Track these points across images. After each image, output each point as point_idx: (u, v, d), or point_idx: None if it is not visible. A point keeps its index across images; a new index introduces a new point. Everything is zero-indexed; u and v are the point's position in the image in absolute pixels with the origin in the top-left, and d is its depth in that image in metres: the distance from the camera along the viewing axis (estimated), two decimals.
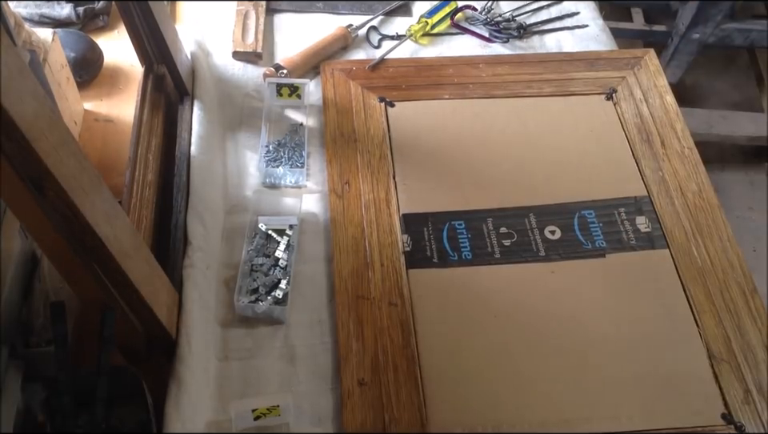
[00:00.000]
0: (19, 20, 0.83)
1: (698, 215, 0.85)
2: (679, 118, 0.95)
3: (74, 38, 0.98)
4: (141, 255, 0.64)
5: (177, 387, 0.66)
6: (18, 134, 0.44)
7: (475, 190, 0.88)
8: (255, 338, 0.77)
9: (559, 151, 0.92)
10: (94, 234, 0.54)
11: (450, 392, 0.72)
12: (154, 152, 0.86)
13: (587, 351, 0.75)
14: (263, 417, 0.69)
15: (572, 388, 0.72)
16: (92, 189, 0.55)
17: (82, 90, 0.97)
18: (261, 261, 0.80)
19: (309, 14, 1.10)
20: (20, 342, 0.64)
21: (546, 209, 0.86)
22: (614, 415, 0.71)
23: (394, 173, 0.88)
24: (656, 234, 0.84)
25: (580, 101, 0.97)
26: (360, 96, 0.96)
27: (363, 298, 0.77)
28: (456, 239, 0.83)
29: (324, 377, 0.74)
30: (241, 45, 1.03)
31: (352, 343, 0.74)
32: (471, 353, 0.74)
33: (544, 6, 1.14)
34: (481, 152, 0.91)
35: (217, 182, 0.87)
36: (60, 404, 0.59)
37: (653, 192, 0.88)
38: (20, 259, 0.65)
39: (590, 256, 0.82)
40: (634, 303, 0.79)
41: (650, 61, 1.02)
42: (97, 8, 1.05)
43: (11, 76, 0.43)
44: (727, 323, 0.77)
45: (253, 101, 0.98)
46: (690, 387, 0.73)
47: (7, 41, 0.43)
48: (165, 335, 0.68)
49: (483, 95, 0.97)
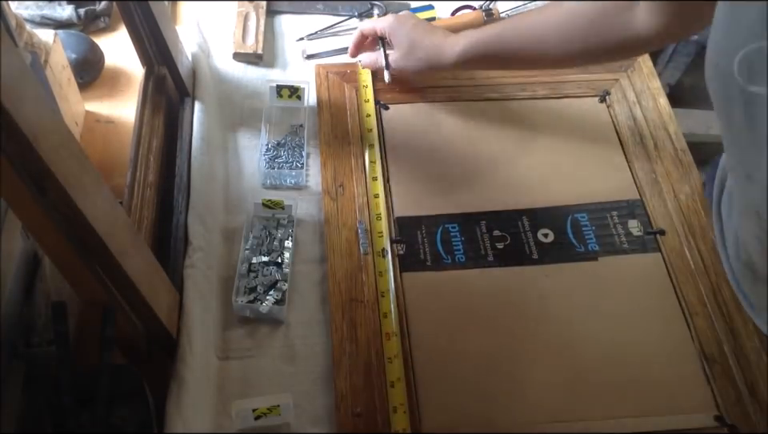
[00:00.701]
0: (20, 21, 0.84)
1: (690, 217, 0.86)
2: (672, 120, 0.95)
3: (75, 39, 0.98)
4: (142, 255, 0.65)
5: (178, 386, 0.67)
6: (20, 134, 0.44)
7: (468, 193, 0.89)
8: (255, 338, 0.77)
9: (552, 154, 0.93)
10: (95, 234, 0.54)
11: (443, 394, 0.72)
12: (155, 153, 0.87)
13: (580, 353, 0.76)
14: (264, 417, 0.69)
15: (565, 391, 0.73)
16: (93, 189, 0.55)
17: (83, 91, 0.98)
18: (258, 260, 0.81)
19: (309, 16, 1.11)
20: (21, 341, 0.64)
21: (539, 212, 0.87)
22: (607, 418, 0.72)
23: (388, 176, 0.89)
24: (648, 237, 0.85)
25: (573, 103, 0.98)
26: (354, 99, 0.97)
27: (357, 301, 0.78)
28: (449, 242, 0.84)
29: (324, 377, 0.75)
30: (241, 46, 1.04)
31: (346, 345, 0.75)
32: (464, 355, 0.75)
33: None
34: (474, 155, 0.92)
35: (217, 183, 0.88)
36: (61, 404, 0.60)
37: (645, 195, 0.88)
38: (21, 259, 0.66)
39: (583, 259, 0.83)
40: (626, 306, 0.79)
41: (643, 63, 1.02)
42: (98, 9, 1.05)
43: (12, 77, 0.43)
44: (720, 326, 0.77)
45: (253, 102, 0.99)
46: (683, 389, 0.74)
47: (8, 42, 0.43)
48: (166, 335, 0.69)
49: (477, 98, 0.98)
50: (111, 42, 1.05)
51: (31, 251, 0.68)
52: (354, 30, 0.99)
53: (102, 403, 0.61)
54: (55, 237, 0.54)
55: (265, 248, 0.82)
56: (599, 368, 0.75)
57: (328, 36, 1.09)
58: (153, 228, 0.81)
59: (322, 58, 1.04)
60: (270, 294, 0.78)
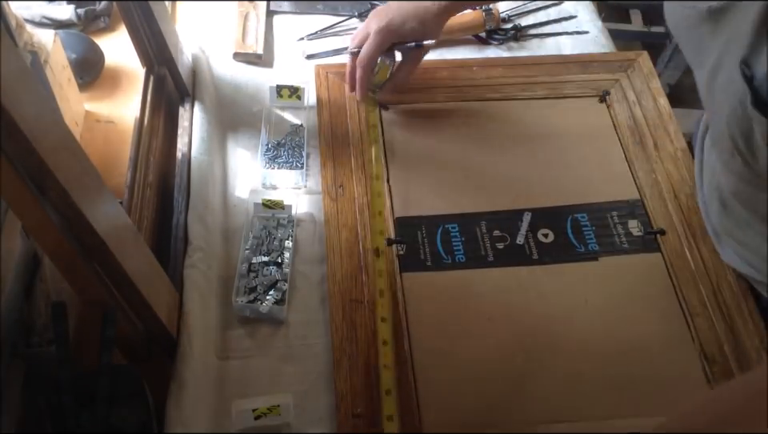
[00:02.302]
0: (20, 21, 0.84)
1: (690, 217, 0.86)
2: (672, 120, 0.95)
3: (75, 39, 0.98)
4: (142, 255, 0.65)
5: (178, 386, 0.67)
6: (20, 135, 0.44)
7: (468, 193, 0.88)
8: (255, 338, 0.77)
9: (552, 154, 0.92)
10: (95, 234, 0.54)
11: (443, 395, 0.72)
12: (155, 153, 0.87)
13: (580, 353, 0.76)
14: (264, 417, 0.69)
15: (565, 390, 0.73)
16: (93, 189, 0.55)
17: (84, 91, 0.98)
18: (258, 260, 0.81)
19: (309, 16, 1.11)
20: (21, 342, 0.64)
21: (538, 212, 0.87)
22: (607, 418, 0.72)
23: (388, 176, 0.89)
24: (648, 237, 0.85)
25: (573, 103, 0.98)
26: (354, 99, 0.97)
27: (357, 301, 0.78)
28: (450, 243, 0.84)
29: (324, 377, 0.75)
30: (241, 46, 1.04)
31: (346, 346, 0.75)
32: (464, 356, 0.75)
33: (542, 8, 1.15)
34: (474, 155, 0.92)
35: (217, 183, 0.88)
36: (61, 404, 0.60)
37: (646, 195, 0.88)
38: (21, 259, 0.66)
39: (583, 259, 0.83)
40: (626, 307, 0.79)
41: (643, 63, 1.02)
42: (98, 9, 1.05)
43: (12, 77, 0.43)
44: (720, 326, 0.77)
45: (253, 102, 0.99)
46: (683, 389, 0.74)
47: (8, 42, 0.43)
48: (166, 335, 0.69)
49: (477, 98, 0.98)
50: (111, 42, 1.05)
51: (31, 251, 0.68)
52: (354, 30, 0.98)
53: (102, 403, 0.61)
54: (55, 237, 0.54)
55: (265, 248, 0.82)
56: (599, 368, 0.75)
57: (328, 36, 1.09)
58: (153, 228, 0.81)
59: (321, 58, 1.04)
60: (270, 294, 0.78)
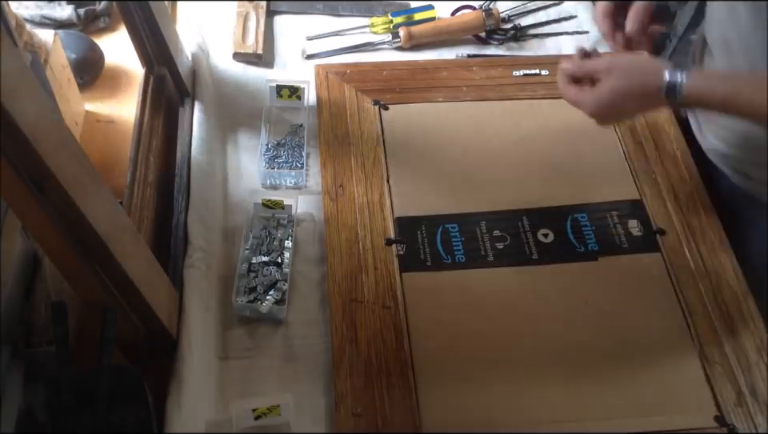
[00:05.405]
0: (20, 21, 0.84)
1: (690, 217, 0.86)
2: (672, 120, 0.95)
3: (75, 39, 0.98)
4: (141, 255, 0.65)
5: (177, 386, 0.67)
6: (20, 135, 0.44)
7: (469, 193, 0.88)
8: (255, 337, 0.77)
9: (552, 154, 0.92)
10: (95, 234, 0.54)
11: (443, 394, 0.72)
12: (155, 153, 0.87)
13: (580, 353, 0.76)
14: (264, 417, 0.69)
15: (565, 390, 0.73)
16: (93, 189, 0.55)
17: (83, 91, 0.98)
18: (258, 260, 0.81)
19: (309, 16, 1.11)
20: (21, 341, 0.64)
21: (539, 212, 0.87)
22: (607, 417, 0.72)
23: (388, 176, 0.89)
24: (648, 237, 0.85)
25: None
26: (354, 99, 0.97)
27: (357, 301, 0.78)
28: (449, 242, 0.83)
29: (324, 377, 0.75)
30: (241, 46, 1.04)
31: (346, 346, 0.75)
32: (464, 355, 0.75)
33: (542, 8, 1.15)
34: (474, 155, 0.92)
35: (217, 183, 0.88)
36: (61, 404, 0.60)
37: (645, 195, 0.88)
38: (21, 259, 0.66)
39: (583, 259, 0.83)
40: (626, 306, 0.79)
41: None
42: (98, 9, 1.05)
43: (12, 77, 0.43)
44: (720, 326, 0.77)
45: (253, 102, 0.99)
46: (683, 389, 0.74)
47: (8, 42, 0.44)
48: (165, 335, 0.69)
49: (477, 98, 0.98)
50: (111, 42, 1.05)
51: (31, 251, 0.68)
52: (355, 30, 0.98)
53: (102, 403, 0.61)
54: (55, 237, 0.54)
55: (265, 248, 0.82)
56: (599, 368, 0.75)
57: (329, 36, 1.09)
58: (152, 228, 0.81)
59: (322, 58, 1.04)
60: (270, 294, 0.78)
